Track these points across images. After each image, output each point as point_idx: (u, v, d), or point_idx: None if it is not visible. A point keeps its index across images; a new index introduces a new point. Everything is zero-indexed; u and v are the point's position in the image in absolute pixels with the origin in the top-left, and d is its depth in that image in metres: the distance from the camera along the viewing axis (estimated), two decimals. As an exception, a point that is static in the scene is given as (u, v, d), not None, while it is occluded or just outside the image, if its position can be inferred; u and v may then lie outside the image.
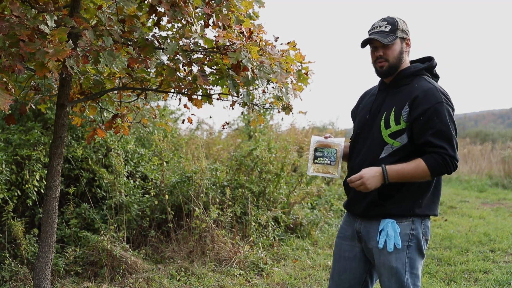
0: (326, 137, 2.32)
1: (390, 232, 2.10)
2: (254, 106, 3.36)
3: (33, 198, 4.19)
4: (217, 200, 4.95)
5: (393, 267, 2.10)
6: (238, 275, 4.18)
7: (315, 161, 2.21)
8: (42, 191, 4.15)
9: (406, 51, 2.21)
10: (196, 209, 4.63)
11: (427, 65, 2.22)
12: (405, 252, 2.11)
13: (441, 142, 2.03)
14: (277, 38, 3.05)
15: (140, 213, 4.69)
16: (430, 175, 2.05)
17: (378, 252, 2.14)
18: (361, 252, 2.27)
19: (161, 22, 3.01)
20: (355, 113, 2.42)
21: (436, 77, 2.27)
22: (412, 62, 2.29)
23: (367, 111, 2.28)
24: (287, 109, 3.33)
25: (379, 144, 2.15)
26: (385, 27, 2.17)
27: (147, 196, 4.79)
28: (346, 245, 2.30)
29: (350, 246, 2.29)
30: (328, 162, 2.19)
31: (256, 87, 3.09)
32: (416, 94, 2.10)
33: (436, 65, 2.25)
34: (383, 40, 2.14)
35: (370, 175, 2.07)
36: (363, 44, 2.22)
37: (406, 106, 2.10)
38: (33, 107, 3.32)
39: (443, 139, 2.03)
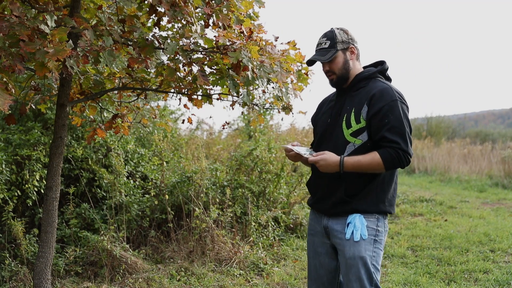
0: (293, 145, 2.46)
1: (358, 224, 2.22)
2: (254, 106, 3.37)
3: (33, 198, 4.19)
4: (217, 200, 4.95)
5: (363, 256, 2.21)
6: (238, 275, 4.18)
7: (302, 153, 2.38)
8: (42, 191, 4.15)
9: (352, 58, 2.34)
10: (196, 209, 4.63)
11: (379, 68, 2.37)
12: (372, 246, 2.23)
13: (395, 137, 2.15)
14: (277, 38, 3.05)
15: (140, 213, 4.68)
16: (384, 167, 2.17)
17: (347, 243, 2.24)
18: (331, 246, 2.37)
19: (161, 22, 3.01)
20: (316, 120, 2.55)
21: (388, 79, 2.40)
22: (366, 66, 2.44)
23: (328, 115, 2.41)
24: (287, 109, 3.33)
25: (342, 143, 2.28)
26: (325, 43, 2.34)
27: (147, 196, 4.79)
28: (318, 241, 2.41)
29: (321, 242, 2.40)
30: (310, 154, 2.36)
31: (256, 87, 3.09)
32: (373, 92, 2.24)
33: (387, 68, 2.39)
34: (322, 59, 2.31)
35: (327, 163, 2.21)
36: (309, 64, 2.40)
37: (365, 105, 2.24)
38: (33, 107, 3.32)
39: (397, 134, 2.15)
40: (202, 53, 3.00)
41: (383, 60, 2.42)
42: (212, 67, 3.10)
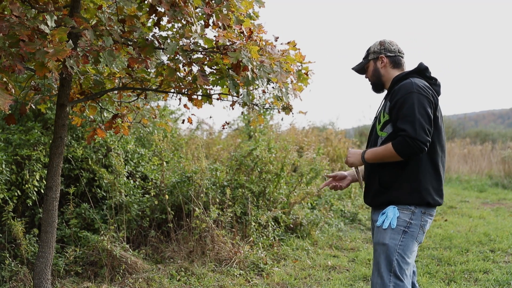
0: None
1: (390, 214, 2.33)
2: (254, 106, 3.37)
3: (33, 198, 4.19)
4: (217, 200, 4.95)
5: (385, 243, 2.32)
6: (238, 275, 4.18)
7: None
8: (42, 191, 4.15)
9: (383, 66, 2.54)
10: (196, 209, 4.63)
11: (413, 69, 2.48)
12: (400, 236, 2.32)
13: (403, 125, 2.24)
14: (277, 38, 3.05)
15: (140, 213, 4.68)
16: (397, 153, 2.27)
17: (377, 230, 2.39)
18: None
19: (161, 22, 3.02)
20: None
21: (430, 79, 2.47)
22: None
23: (374, 116, 2.62)
24: (287, 109, 3.33)
25: (376, 139, 2.46)
26: (364, 55, 2.62)
27: (147, 196, 4.79)
28: (372, 232, 2.56)
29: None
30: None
31: (256, 87, 3.09)
32: (394, 89, 2.40)
33: (424, 68, 2.46)
34: (355, 68, 2.63)
35: (353, 152, 2.49)
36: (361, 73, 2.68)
37: (388, 101, 2.41)
38: (33, 107, 3.32)
39: (406, 122, 2.24)
40: (202, 53, 3.01)
41: (420, 61, 2.52)
42: (212, 67, 3.10)
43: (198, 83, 2.81)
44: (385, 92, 2.59)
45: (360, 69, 2.62)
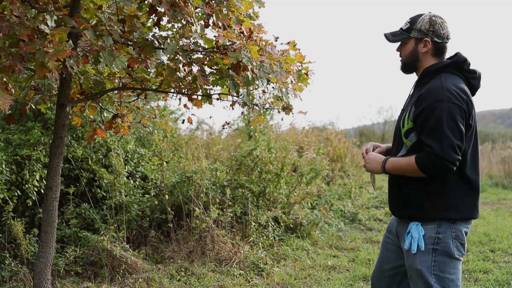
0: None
1: (415, 234, 2.10)
2: (254, 106, 3.37)
3: (33, 198, 4.19)
4: (217, 200, 4.95)
5: (418, 269, 2.10)
6: (238, 275, 4.18)
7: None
8: (42, 191, 4.15)
9: (424, 51, 2.16)
10: (196, 209, 4.63)
11: (450, 61, 2.15)
12: (431, 256, 2.09)
13: (430, 141, 1.99)
14: (277, 38, 3.05)
15: (140, 213, 4.68)
16: (420, 171, 2.03)
17: (407, 254, 2.16)
18: (400, 247, 2.29)
19: (161, 22, 3.02)
20: None
21: (469, 72, 2.16)
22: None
23: (402, 109, 2.30)
24: (287, 109, 3.33)
25: (400, 143, 2.19)
26: (406, 24, 2.20)
27: (147, 196, 4.79)
28: (389, 238, 2.35)
29: (392, 241, 2.33)
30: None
31: (256, 87, 3.09)
32: (421, 92, 2.08)
33: (463, 60, 2.14)
34: (389, 38, 2.23)
35: (373, 158, 2.22)
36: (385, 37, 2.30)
37: (413, 106, 2.10)
38: (33, 107, 3.32)
39: (433, 138, 1.98)
40: (202, 53, 3.01)
41: (458, 51, 2.18)
42: (212, 67, 3.10)
43: (198, 83, 2.81)
44: (414, 76, 2.28)
45: (395, 40, 2.22)
